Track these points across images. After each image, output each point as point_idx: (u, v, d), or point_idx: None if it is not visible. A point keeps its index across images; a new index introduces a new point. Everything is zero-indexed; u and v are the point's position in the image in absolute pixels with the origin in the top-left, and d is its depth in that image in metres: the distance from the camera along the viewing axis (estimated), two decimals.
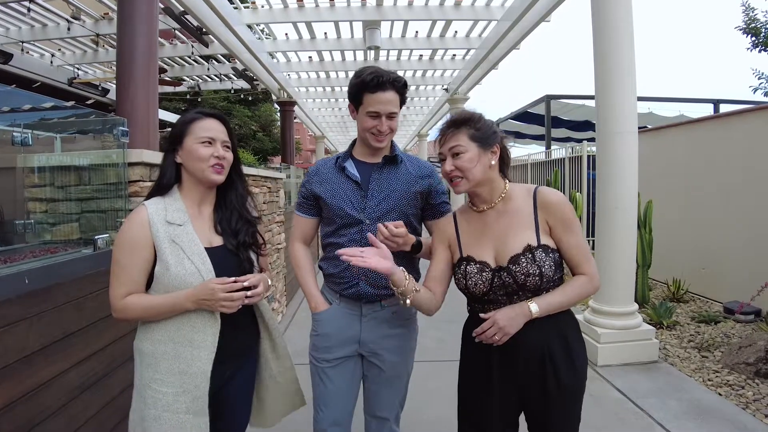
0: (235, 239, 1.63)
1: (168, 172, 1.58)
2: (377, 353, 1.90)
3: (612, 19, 3.94)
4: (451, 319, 3.21)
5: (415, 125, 18.54)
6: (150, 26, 3.72)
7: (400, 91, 1.80)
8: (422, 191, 1.90)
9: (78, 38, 8.16)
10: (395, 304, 1.89)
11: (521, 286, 1.49)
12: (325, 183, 1.89)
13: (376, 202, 1.83)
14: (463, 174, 1.53)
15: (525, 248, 1.50)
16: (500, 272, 1.52)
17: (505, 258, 1.52)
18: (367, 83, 1.75)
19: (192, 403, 1.47)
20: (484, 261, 1.55)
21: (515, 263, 1.49)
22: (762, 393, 3.34)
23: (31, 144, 2.02)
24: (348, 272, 1.85)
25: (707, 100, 12.61)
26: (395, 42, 8.44)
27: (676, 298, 5.76)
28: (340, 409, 1.91)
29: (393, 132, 1.84)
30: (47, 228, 2.30)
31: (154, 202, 1.54)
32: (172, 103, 16.43)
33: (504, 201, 1.60)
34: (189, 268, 1.48)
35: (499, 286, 1.51)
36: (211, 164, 1.55)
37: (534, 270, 1.47)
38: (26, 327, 1.65)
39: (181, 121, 1.60)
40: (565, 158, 9.22)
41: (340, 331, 1.89)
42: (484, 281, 1.53)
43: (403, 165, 1.90)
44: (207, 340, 1.50)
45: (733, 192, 5.37)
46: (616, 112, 3.96)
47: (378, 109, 1.76)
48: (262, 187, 4.86)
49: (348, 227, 1.84)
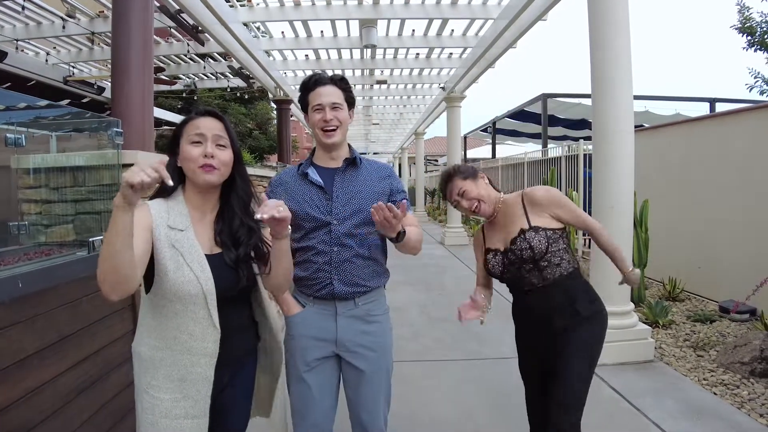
0: (234, 252, 1.55)
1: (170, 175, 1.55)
2: (354, 351, 1.90)
3: (608, 17, 3.94)
4: (448, 318, 3.21)
5: (412, 123, 18.52)
6: (145, 24, 3.70)
7: (340, 86, 1.91)
8: (384, 191, 1.96)
9: (73, 36, 8.12)
10: (368, 302, 1.93)
11: (522, 259, 1.98)
12: (289, 191, 1.93)
13: (342, 204, 1.88)
14: (479, 198, 2.05)
15: (519, 232, 1.99)
16: (506, 253, 2.03)
17: (508, 242, 2.02)
18: (306, 83, 1.92)
19: (192, 408, 1.44)
20: (497, 248, 2.08)
21: (514, 244, 1.99)
22: (757, 392, 3.36)
23: (24, 145, 2.01)
24: (320, 273, 1.87)
25: (704, 99, 12.63)
26: (392, 40, 8.43)
27: (672, 297, 5.78)
28: (319, 413, 1.89)
29: (342, 124, 1.90)
30: (41, 230, 2.29)
31: (157, 203, 1.49)
32: (168, 100, 16.38)
33: (503, 205, 2.11)
34: (188, 275, 1.42)
35: (509, 263, 2.02)
36: (200, 164, 1.48)
37: (525, 245, 1.96)
38: (20, 330, 1.64)
39: (179, 123, 1.57)
40: (562, 157, 9.23)
41: (315, 332, 1.90)
42: (498, 262, 2.05)
43: (363, 167, 1.98)
44: (208, 347, 1.46)
45: (729, 191, 5.38)
46: (613, 111, 3.96)
47: (321, 101, 1.87)
48: (258, 187, 4.84)
49: (317, 230, 1.88)
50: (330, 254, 1.86)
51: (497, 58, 8.56)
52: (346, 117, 1.92)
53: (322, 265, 1.87)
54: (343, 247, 1.86)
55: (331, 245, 1.86)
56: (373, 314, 1.95)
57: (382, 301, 2.02)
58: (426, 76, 11.00)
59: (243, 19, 6.98)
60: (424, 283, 7.05)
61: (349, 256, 1.87)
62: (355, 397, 1.95)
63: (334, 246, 1.86)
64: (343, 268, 1.87)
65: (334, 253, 1.86)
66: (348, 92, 1.95)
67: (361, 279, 1.90)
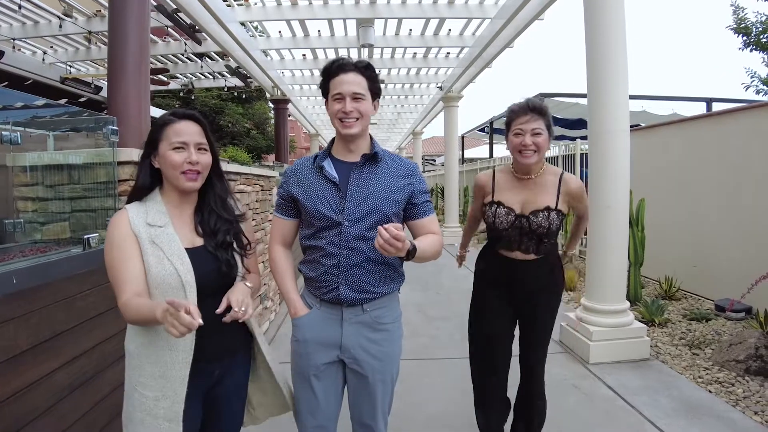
0: (214, 240, 1.59)
1: (142, 176, 1.56)
2: (358, 359, 1.81)
3: (605, 17, 3.95)
4: (444, 317, 3.22)
5: (410, 123, 18.52)
6: (142, 23, 3.70)
7: (364, 73, 1.77)
8: (404, 191, 1.82)
9: (70, 35, 8.11)
10: (377, 308, 1.83)
11: (532, 231, 2.12)
12: (302, 184, 1.81)
13: (356, 204, 1.75)
14: (538, 149, 2.07)
15: (545, 207, 2.11)
16: (521, 218, 2.14)
17: (527, 210, 2.12)
18: (329, 69, 1.78)
19: (168, 410, 1.45)
20: (512, 207, 2.15)
21: (535, 215, 2.10)
22: (752, 390, 3.37)
23: (20, 142, 2.01)
24: (327, 276, 1.77)
25: (701, 99, 12.63)
26: (389, 40, 8.44)
27: (668, 296, 5.79)
28: (324, 415, 1.86)
29: (363, 116, 1.76)
30: (37, 227, 2.29)
31: (135, 206, 1.54)
32: (165, 100, 16.35)
33: (541, 175, 2.19)
34: (168, 269, 1.46)
35: (517, 227, 2.13)
36: (184, 170, 1.50)
37: (545, 223, 2.11)
38: (14, 327, 1.64)
39: (155, 123, 1.56)
40: (559, 156, 9.24)
41: (320, 337, 1.82)
42: (508, 221, 2.14)
43: (383, 163, 1.83)
44: (186, 343, 1.47)
45: (726, 190, 5.40)
46: (609, 111, 3.97)
47: (341, 90, 1.73)
48: (255, 186, 4.84)
49: (327, 230, 1.76)
50: (339, 257, 1.75)
51: (494, 58, 8.58)
52: (368, 108, 1.77)
53: (329, 268, 1.76)
54: (352, 250, 1.74)
55: (340, 248, 1.74)
56: (382, 322, 1.83)
57: (393, 306, 1.90)
58: (423, 75, 11.02)
59: (240, 18, 6.99)
60: (421, 282, 7.04)
61: (359, 261, 1.75)
62: (356, 401, 1.91)
63: (344, 249, 1.74)
64: (352, 273, 1.76)
65: (342, 257, 1.75)
66: (374, 81, 1.79)
67: (371, 285, 1.78)
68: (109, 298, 2.20)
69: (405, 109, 15.73)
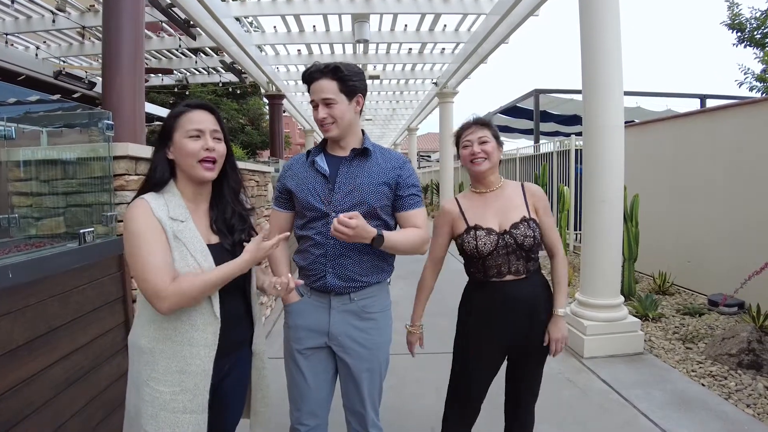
0: (231, 237, 1.61)
1: (159, 168, 1.53)
2: (345, 346, 1.88)
3: (600, 13, 3.96)
4: (440, 312, 3.24)
5: (405, 119, 18.53)
6: (136, 18, 3.69)
7: (333, 77, 1.80)
8: (390, 183, 1.88)
9: (63, 30, 8.04)
10: (365, 298, 1.89)
11: (520, 246, 1.98)
12: (296, 177, 1.91)
13: (342, 195, 1.83)
14: (487, 155, 2.03)
15: (522, 218, 2.02)
16: (504, 235, 2.00)
17: (506, 225, 2.01)
18: (304, 78, 1.87)
19: (190, 402, 1.45)
20: (490, 227, 2.02)
21: (516, 228, 1.99)
22: (744, 383, 3.40)
23: (15, 138, 2.00)
24: (316, 264, 1.86)
25: (694, 96, 12.71)
26: (384, 35, 8.43)
27: (662, 291, 5.83)
28: (315, 400, 1.92)
29: (338, 119, 1.82)
30: (32, 222, 2.28)
31: (152, 197, 1.49)
32: (160, 95, 16.29)
33: (501, 188, 2.12)
34: (192, 265, 1.45)
35: (503, 246, 1.99)
36: (201, 158, 1.50)
37: (530, 233, 1.98)
38: (10, 321, 1.64)
39: (169, 115, 1.56)
40: (553, 152, 9.26)
41: (309, 323, 1.90)
42: (491, 242, 1.99)
43: (373, 157, 1.90)
44: (207, 338, 1.48)
45: (719, 186, 5.43)
46: (603, 107, 3.99)
47: (314, 98, 1.83)
48: (250, 181, 4.84)
49: (316, 220, 1.85)
50: (326, 246, 1.83)
51: (489, 54, 8.58)
52: (342, 111, 1.81)
53: (318, 257, 1.85)
54: (339, 241, 1.78)
55: (327, 237, 1.81)
56: (369, 311, 1.90)
57: (381, 297, 1.96)
58: (418, 71, 11.01)
59: (235, 13, 6.95)
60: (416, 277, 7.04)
61: (346, 251, 1.83)
62: (346, 388, 1.97)
63: (331, 239, 1.80)
64: (339, 262, 1.84)
65: (329, 246, 1.83)
66: (345, 82, 1.81)
67: (357, 274, 1.85)
68: (105, 293, 2.21)
69: (400, 105, 15.73)
